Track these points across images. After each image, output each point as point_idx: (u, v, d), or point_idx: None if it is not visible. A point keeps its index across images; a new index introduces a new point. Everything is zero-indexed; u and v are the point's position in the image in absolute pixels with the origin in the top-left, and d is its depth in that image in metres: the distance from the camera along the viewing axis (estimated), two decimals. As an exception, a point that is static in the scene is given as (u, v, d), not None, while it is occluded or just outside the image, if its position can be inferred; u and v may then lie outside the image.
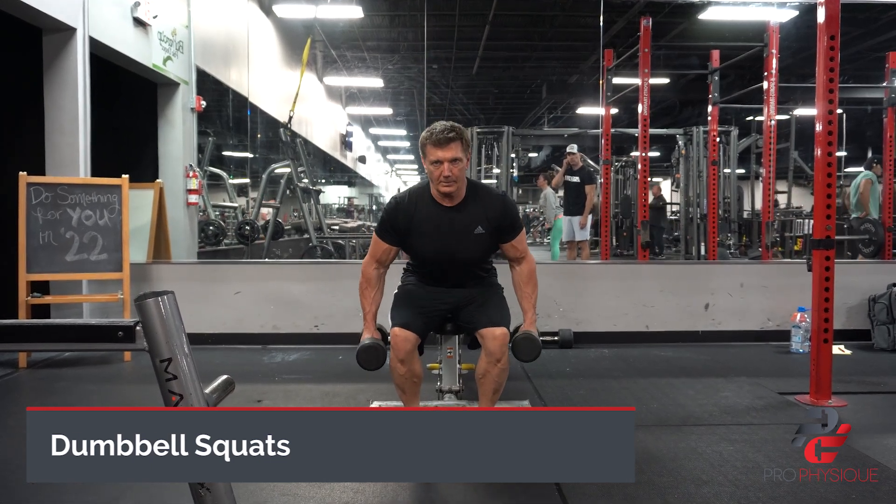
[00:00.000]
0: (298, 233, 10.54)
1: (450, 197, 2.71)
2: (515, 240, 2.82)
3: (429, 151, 2.66)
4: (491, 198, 2.80)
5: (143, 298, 1.09)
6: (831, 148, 3.36)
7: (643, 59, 6.64)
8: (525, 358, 2.77)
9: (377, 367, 2.76)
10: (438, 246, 2.74)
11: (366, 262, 2.87)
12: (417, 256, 2.86)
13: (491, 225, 2.75)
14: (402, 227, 2.75)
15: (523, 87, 17.06)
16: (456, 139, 2.64)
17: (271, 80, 10.40)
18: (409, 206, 2.76)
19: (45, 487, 2.41)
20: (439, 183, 2.66)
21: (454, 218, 2.73)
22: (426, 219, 2.73)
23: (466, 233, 2.73)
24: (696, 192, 9.32)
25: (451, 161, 2.62)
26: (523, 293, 2.85)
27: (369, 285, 2.83)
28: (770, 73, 6.33)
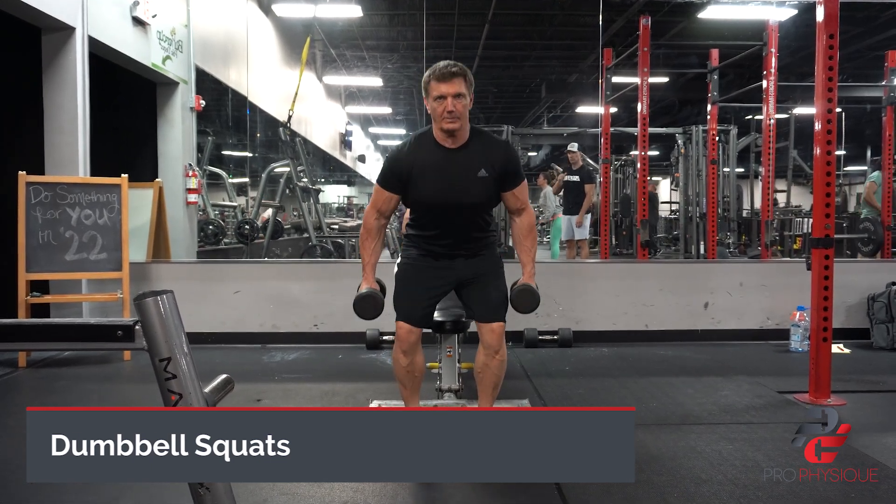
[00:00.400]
0: (298, 232, 10.53)
1: (452, 136, 2.66)
2: (517, 189, 2.77)
3: (432, 88, 2.62)
4: (494, 143, 2.77)
5: (142, 298, 1.09)
6: (830, 147, 3.36)
7: (642, 58, 6.64)
8: (524, 309, 2.73)
9: (374, 316, 2.72)
10: (441, 188, 2.66)
11: (367, 213, 2.82)
12: (419, 202, 2.75)
13: (494, 170, 2.68)
14: (405, 172, 2.69)
15: (523, 86, 17.05)
16: (460, 75, 2.61)
17: (271, 80, 10.40)
18: (410, 151, 2.71)
19: (44, 487, 2.41)
20: (443, 119, 2.60)
21: (457, 159, 2.67)
22: (428, 161, 2.68)
23: (469, 175, 2.67)
24: (696, 191, 9.32)
25: (455, 96, 2.58)
26: (522, 246, 2.81)
27: (370, 236, 2.79)
28: (769, 71, 6.32)
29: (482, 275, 2.78)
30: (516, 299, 2.73)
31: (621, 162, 12.95)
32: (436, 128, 2.68)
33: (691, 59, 12.29)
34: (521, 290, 2.72)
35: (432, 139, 2.71)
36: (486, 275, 2.79)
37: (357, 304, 2.71)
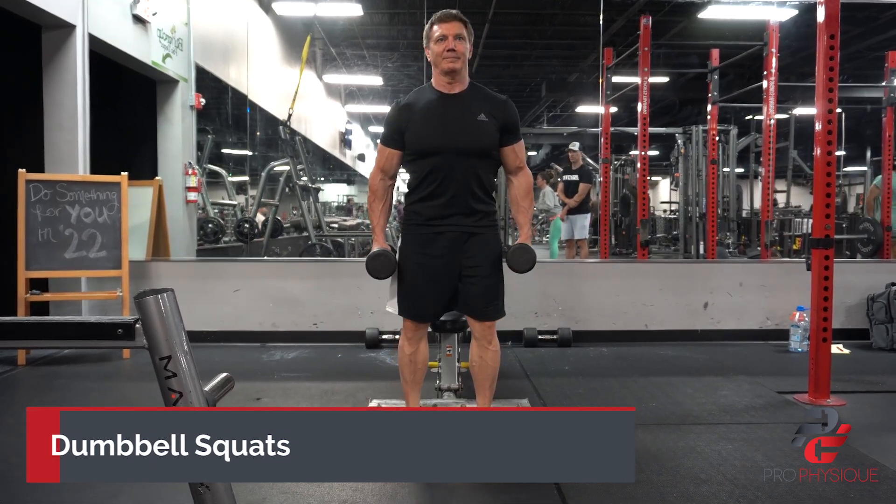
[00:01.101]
0: (297, 231, 10.53)
1: (452, 79, 2.68)
2: (516, 145, 2.77)
3: (433, 31, 2.67)
4: (494, 95, 2.79)
5: (142, 296, 1.08)
6: (831, 147, 3.36)
7: (643, 58, 6.64)
8: (519, 267, 2.69)
9: (387, 275, 2.72)
10: (440, 130, 2.65)
11: (372, 175, 2.81)
12: (418, 149, 2.69)
13: (495, 118, 2.69)
14: (403, 121, 2.69)
15: (523, 86, 17.04)
16: (460, 19, 2.68)
17: (271, 78, 10.39)
18: (409, 101, 2.73)
19: (43, 485, 2.40)
20: (444, 59, 2.63)
21: (456, 103, 2.69)
22: (427, 106, 2.69)
23: (469, 117, 2.67)
24: (696, 191, 9.32)
25: (456, 36, 2.62)
26: (520, 207, 2.81)
27: (377, 198, 2.79)
28: (769, 72, 6.32)
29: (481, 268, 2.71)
30: (513, 258, 2.70)
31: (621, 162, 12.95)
32: (436, 73, 2.72)
33: (691, 59, 12.30)
34: (518, 249, 2.71)
35: (431, 87, 2.74)
36: (485, 270, 2.72)
37: (369, 262, 2.70)
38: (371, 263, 2.70)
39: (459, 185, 2.67)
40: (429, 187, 2.70)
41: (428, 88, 2.75)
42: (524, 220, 2.80)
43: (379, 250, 2.72)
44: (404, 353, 2.79)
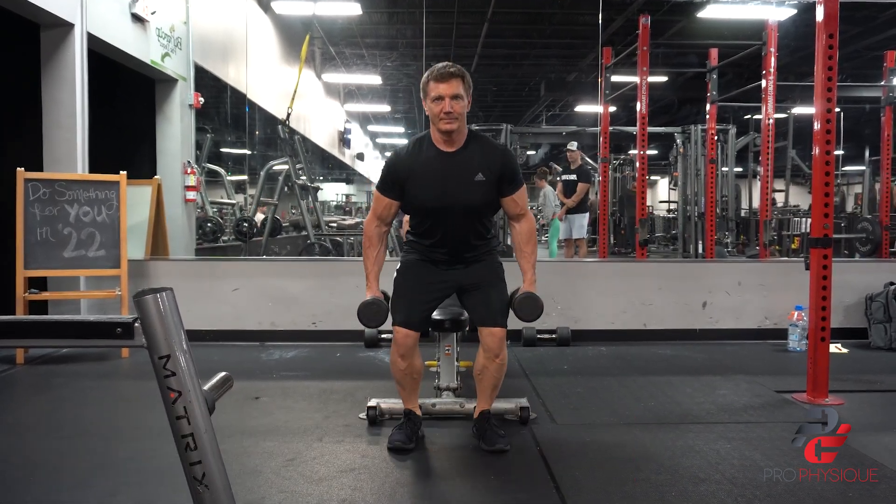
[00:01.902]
0: (296, 230, 10.53)
1: (450, 139, 2.66)
2: (516, 194, 2.77)
3: (430, 88, 2.63)
4: (492, 147, 2.77)
5: (142, 295, 1.08)
6: (829, 146, 3.36)
7: (641, 57, 6.64)
8: (527, 318, 2.72)
9: (378, 325, 2.76)
10: (438, 191, 2.67)
11: (368, 221, 2.83)
12: (417, 206, 2.75)
13: (492, 174, 2.69)
14: (402, 176, 2.70)
15: (522, 85, 17.05)
16: (458, 76, 2.62)
17: (270, 77, 10.38)
18: (408, 155, 2.72)
19: (42, 484, 2.41)
20: (440, 120, 2.61)
21: (454, 162, 2.68)
22: (426, 164, 2.68)
23: (467, 178, 2.67)
24: (694, 190, 9.33)
25: (453, 97, 2.59)
26: (523, 253, 2.81)
27: (371, 244, 2.80)
28: (768, 71, 6.32)
29: (483, 280, 2.79)
30: (519, 308, 2.73)
31: (620, 161, 12.95)
32: (433, 130, 2.69)
33: (690, 59, 12.30)
34: (524, 298, 2.73)
35: (430, 142, 2.71)
36: (487, 280, 2.80)
37: (361, 311, 2.73)
38: (363, 311, 2.73)
39: (458, 237, 2.76)
40: (427, 235, 2.79)
41: (427, 142, 2.73)
42: (528, 266, 2.80)
43: (371, 299, 2.75)
44: (398, 367, 2.76)
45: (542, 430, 3.00)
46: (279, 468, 2.53)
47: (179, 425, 1.09)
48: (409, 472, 2.55)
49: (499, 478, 2.48)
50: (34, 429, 3.11)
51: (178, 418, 1.09)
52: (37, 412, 3.39)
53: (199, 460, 1.11)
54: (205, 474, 1.11)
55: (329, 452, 2.70)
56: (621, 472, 2.50)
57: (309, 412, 3.25)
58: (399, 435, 2.75)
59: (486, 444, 2.73)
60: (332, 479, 2.43)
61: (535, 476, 2.49)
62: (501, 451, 2.69)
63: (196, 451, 1.10)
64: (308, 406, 3.35)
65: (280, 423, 3.07)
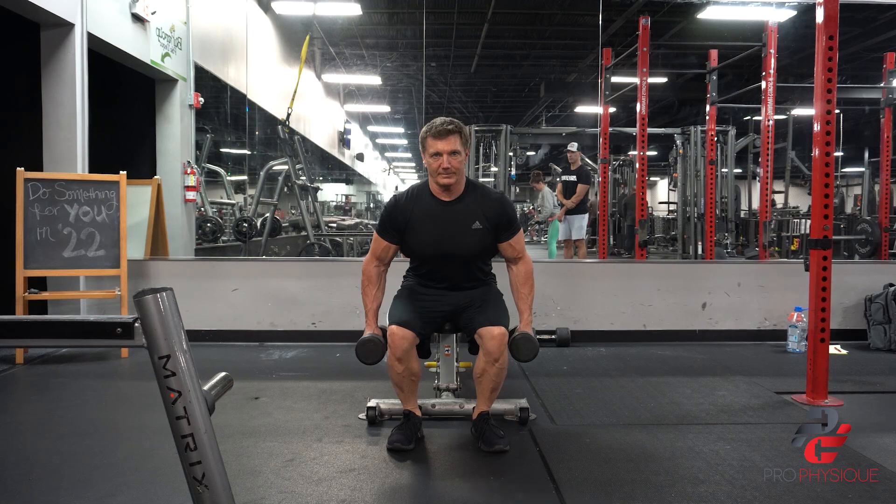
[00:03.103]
0: (296, 230, 10.54)
1: (448, 190, 2.78)
2: (513, 239, 2.87)
3: (429, 144, 2.73)
4: (489, 195, 2.87)
5: (142, 295, 1.08)
6: (829, 148, 3.37)
7: (641, 58, 6.64)
8: (524, 358, 2.81)
9: (375, 362, 2.81)
10: (436, 240, 2.78)
11: (366, 261, 2.92)
12: (416, 253, 2.88)
13: (489, 221, 2.80)
14: (401, 223, 2.81)
15: (521, 86, 17.06)
16: (455, 132, 2.72)
17: (269, 77, 10.39)
18: (407, 203, 2.83)
19: (40, 483, 2.41)
20: (438, 175, 2.72)
21: (452, 212, 2.79)
22: (425, 213, 2.79)
23: (464, 227, 2.78)
24: (694, 191, 9.34)
25: (451, 153, 2.70)
26: (520, 294, 2.90)
27: (370, 283, 2.89)
28: (768, 72, 6.33)
29: (480, 296, 2.90)
30: (516, 348, 2.79)
31: (619, 162, 12.96)
32: (432, 181, 2.80)
33: (690, 60, 12.31)
34: (521, 338, 2.79)
35: (429, 192, 2.83)
36: (485, 296, 2.91)
37: (359, 348, 2.81)
38: (360, 349, 2.81)
39: (456, 279, 2.88)
40: (427, 279, 2.91)
41: (426, 191, 2.84)
42: (525, 307, 2.89)
43: (370, 336, 2.82)
44: (395, 371, 2.78)
45: (542, 430, 3.00)
46: (278, 468, 2.53)
47: (179, 425, 1.09)
48: (408, 472, 2.55)
49: (498, 478, 2.48)
50: (33, 429, 3.11)
51: (177, 418, 1.09)
52: (36, 412, 3.38)
53: (198, 460, 1.11)
54: (204, 474, 1.11)
55: (328, 453, 2.70)
56: (621, 472, 2.50)
57: (308, 412, 3.25)
58: (398, 435, 2.75)
59: (486, 445, 2.73)
60: (332, 479, 2.43)
61: (535, 477, 2.49)
62: (501, 452, 2.70)
63: (196, 452, 1.10)
64: (307, 406, 3.35)
65: (279, 424, 3.07)
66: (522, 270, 2.90)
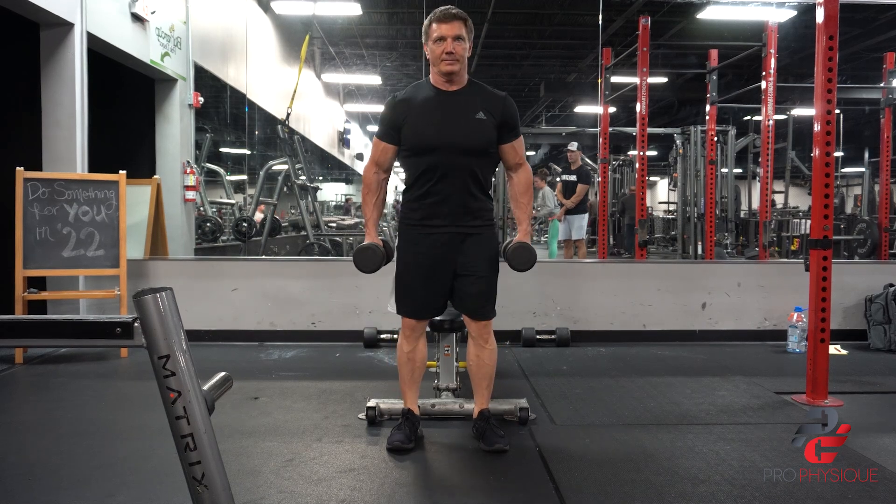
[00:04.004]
0: (296, 230, 10.53)
1: (451, 80, 2.66)
2: (516, 142, 2.75)
3: (432, 30, 2.63)
4: (492, 92, 2.75)
5: (141, 295, 1.08)
6: (829, 148, 3.36)
7: (641, 58, 6.64)
8: (520, 267, 2.68)
9: (373, 270, 2.70)
10: (437, 128, 2.64)
11: (366, 168, 2.82)
12: (415, 145, 2.67)
13: (493, 116, 2.66)
14: (400, 115, 2.68)
15: (521, 86, 17.05)
16: (460, 18, 2.62)
17: (269, 77, 10.38)
18: (406, 96, 2.71)
19: (40, 482, 2.40)
20: (441, 62, 2.61)
21: (455, 100, 2.67)
22: (425, 102, 2.67)
23: (467, 115, 2.64)
24: (694, 191, 9.33)
25: (455, 38, 2.59)
26: (518, 203, 2.81)
27: (370, 191, 2.80)
28: (768, 72, 6.32)
29: (478, 268, 2.72)
30: (512, 257, 2.68)
31: (619, 162, 12.96)
32: (434, 72, 2.69)
33: (690, 60, 12.31)
34: (517, 247, 2.69)
35: (429, 84, 2.72)
36: (482, 270, 2.73)
37: (356, 255, 2.70)
38: (358, 256, 2.70)
39: (456, 184, 2.67)
40: (425, 185, 2.69)
41: (426, 84, 2.73)
42: (523, 217, 2.80)
43: (367, 244, 2.72)
44: (402, 350, 2.82)
45: (542, 430, 3.00)
46: (278, 468, 2.52)
47: (179, 425, 1.09)
48: (408, 472, 2.55)
49: (498, 478, 2.48)
50: (33, 429, 3.10)
51: (177, 418, 1.09)
52: (35, 412, 3.38)
53: (198, 460, 1.10)
54: (204, 474, 1.11)
55: (328, 452, 2.70)
56: (621, 472, 2.50)
57: (308, 412, 3.25)
58: (398, 435, 2.75)
59: (486, 445, 2.73)
60: (332, 479, 2.43)
61: (535, 476, 2.49)
62: (501, 452, 2.69)
63: (195, 452, 1.10)
64: (307, 406, 3.35)
65: (279, 424, 3.07)
66: (523, 179, 2.80)
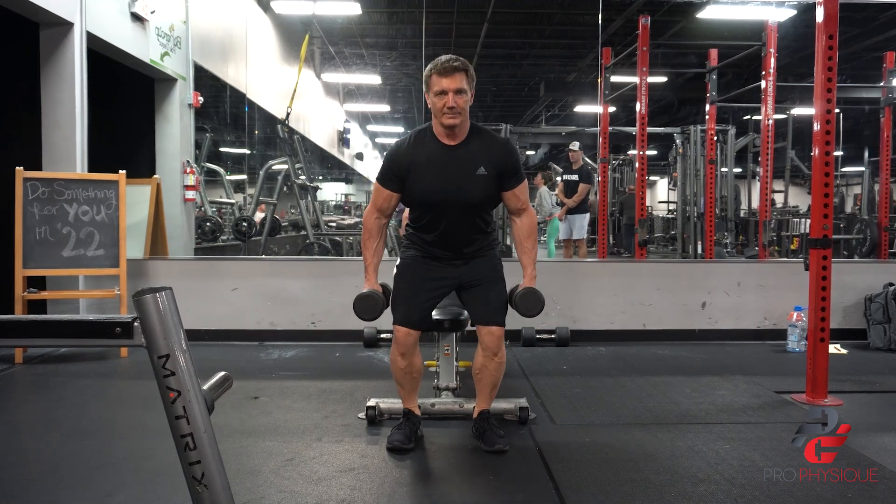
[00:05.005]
0: (295, 229, 10.53)
1: (452, 133, 2.65)
2: (518, 188, 2.75)
3: (433, 82, 2.61)
4: (494, 140, 2.74)
5: (141, 294, 1.08)
6: (829, 147, 3.36)
7: (641, 58, 6.64)
8: (528, 313, 2.69)
9: (373, 318, 2.69)
10: (440, 185, 2.65)
11: (367, 213, 2.81)
12: (418, 200, 2.72)
13: (494, 168, 2.67)
14: (404, 168, 2.67)
15: (521, 85, 17.05)
16: (461, 70, 2.60)
17: (269, 77, 10.38)
18: (410, 148, 2.70)
19: (40, 483, 2.40)
20: (443, 115, 2.60)
21: (456, 156, 2.66)
22: (428, 157, 2.66)
23: (468, 172, 2.65)
24: (693, 190, 9.33)
25: (456, 92, 2.57)
26: (523, 248, 2.80)
27: (371, 236, 2.78)
28: (768, 72, 6.32)
29: (483, 278, 2.78)
30: (520, 302, 2.70)
31: (619, 161, 12.96)
32: (436, 123, 2.67)
33: (690, 59, 12.31)
34: (525, 293, 2.70)
35: (432, 135, 2.69)
36: (487, 278, 2.78)
37: (357, 303, 2.69)
38: (358, 304, 2.69)
39: (458, 230, 2.73)
40: (428, 228, 2.76)
41: (429, 135, 2.70)
42: (528, 261, 2.79)
43: (368, 291, 2.71)
44: (398, 366, 2.76)
45: (542, 430, 3.00)
46: (278, 468, 2.52)
47: (178, 425, 1.09)
48: (408, 472, 2.55)
49: (498, 478, 2.48)
50: (32, 428, 3.10)
51: (177, 418, 1.09)
52: (35, 412, 3.38)
53: (198, 460, 1.10)
54: (204, 474, 1.11)
55: (328, 452, 2.70)
56: (620, 472, 2.50)
57: (308, 412, 3.25)
58: (398, 435, 2.75)
59: (486, 445, 2.73)
60: (331, 478, 2.43)
61: (534, 476, 2.49)
62: (500, 452, 2.69)
63: (195, 451, 1.10)
64: (307, 406, 3.35)
65: (279, 423, 3.07)
66: (526, 223, 2.79)
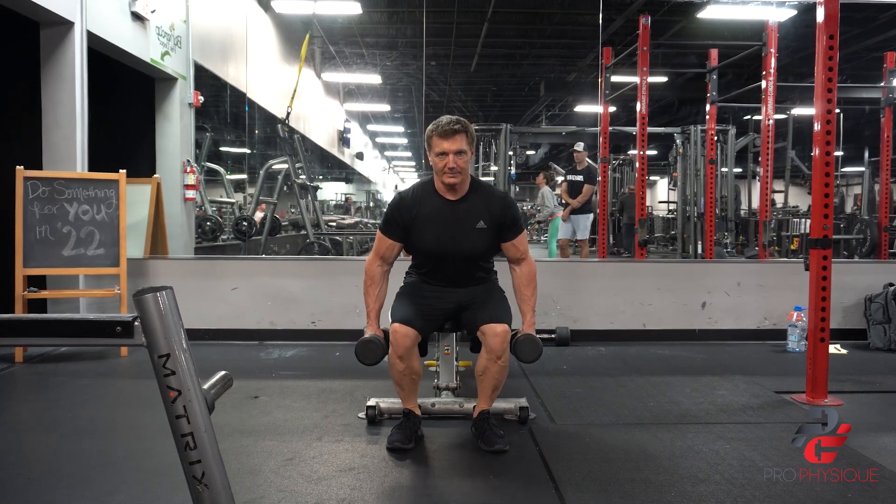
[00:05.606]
0: (295, 229, 10.53)
1: (453, 189, 2.78)
2: (516, 239, 2.87)
3: (434, 143, 2.73)
4: (493, 195, 2.88)
5: (141, 294, 1.08)
6: (829, 147, 3.36)
7: (641, 58, 6.64)
8: (527, 359, 2.79)
9: (374, 363, 2.78)
10: (440, 238, 2.78)
11: (369, 260, 2.90)
12: (419, 251, 2.89)
13: (493, 221, 2.80)
14: (406, 220, 2.81)
15: (521, 85, 17.05)
16: (461, 131, 2.72)
17: (269, 76, 10.38)
18: (412, 200, 2.83)
19: (40, 481, 2.40)
20: (444, 174, 2.73)
21: (457, 211, 2.79)
22: (429, 211, 2.79)
23: (468, 226, 2.78)
24: (694, 190, 9.33)
25: (456, 153, 2.70)
26: (523, 296, 2.90)
27: (373, 283, 2.88)
28: (768, 72, 6.33)
29: (483, 293, 2.90)
30: (519, 349, 2.77)
31: (619, 161, 12.96)
32: (437, 180, 2.80)
33: (690, 59, 12.31)
34: (524, 340, 2.78)
35: (434, 190, 2.83)
36: (488, 293, 2.91)
37: (358, 348, 2.78)
38: (360, 349, 2.78)
39: (459, 277, 2.88)
40: (430, 274, 2.91)
41: (431, 189, 2.84)
42: (528, 309, 2.88)
43: (370, 336, 2.80)
44: (396, 369, 2.78)
45: (542, 430, 3.00)
46: (278, 467, 2.52)
47: (179, 424, 1.09)
48: (408, 471, 2.55)
49: (498, 478, 2.48)
50: (33, 428, 3.10)
51: (177, 417, 1.09)
52: (35, 411, 3.38)
53: (198, 459, 1.10)
54: (204, 473, 1.11)
55: (328, 452, 2.70)
56: (620, 471, 2.50)
57: (308, 411, 3.25)
58: (398, 435, 2.75)
59: (486, 444, 2.73)
60: (331, 478, 2.43)
61: (534, 476, 2.49)
62: (500, 451, 2.70)
63: (195, 451, 1.10)
64: (307, 405, 3.35)
65: (279, 423, 3.07)
66: (525, 272, 2.90)
